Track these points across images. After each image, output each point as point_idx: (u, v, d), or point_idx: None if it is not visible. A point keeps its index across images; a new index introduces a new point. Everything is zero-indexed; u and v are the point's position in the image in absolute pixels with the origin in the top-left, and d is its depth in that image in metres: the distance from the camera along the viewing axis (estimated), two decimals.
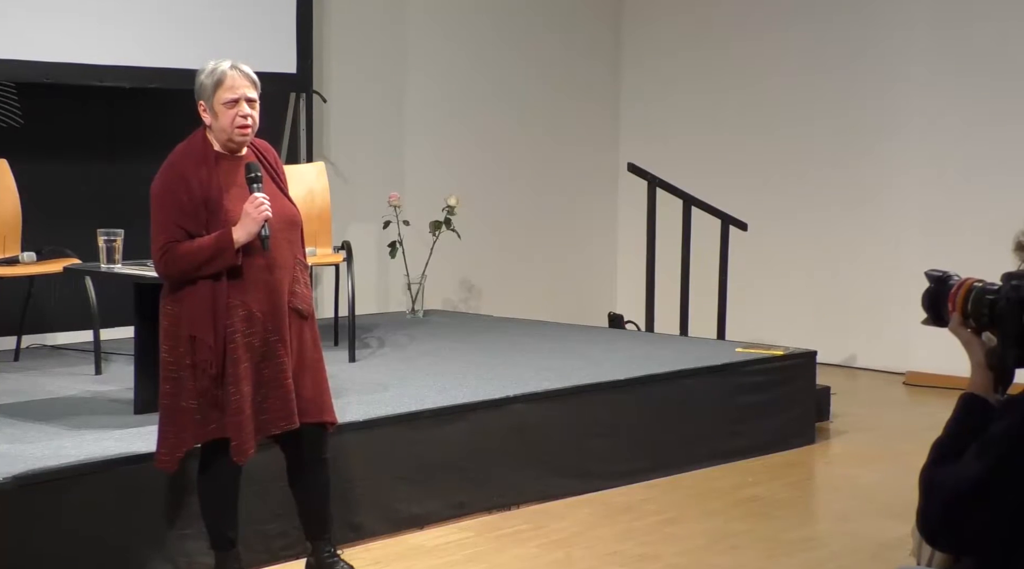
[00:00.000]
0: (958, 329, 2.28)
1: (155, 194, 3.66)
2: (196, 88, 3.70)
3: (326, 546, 3.89)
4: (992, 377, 2.25)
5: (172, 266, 3.59)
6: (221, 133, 3.67)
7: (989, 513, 2.11)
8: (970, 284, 2.28)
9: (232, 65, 3.69)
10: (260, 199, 3.61)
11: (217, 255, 3.56)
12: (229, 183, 3.65)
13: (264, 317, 3.62)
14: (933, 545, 2.27)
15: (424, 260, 7.19)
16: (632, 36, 8.77)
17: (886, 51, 7.60)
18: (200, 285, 3.58)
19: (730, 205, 7.20)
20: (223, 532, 3.75)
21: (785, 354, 5.99)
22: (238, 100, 3.64)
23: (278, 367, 3.63)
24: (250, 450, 3.61)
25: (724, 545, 4.50)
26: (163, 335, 3.65)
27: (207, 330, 3.56)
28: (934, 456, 2.23)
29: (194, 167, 3.62)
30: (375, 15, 7.51)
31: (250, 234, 3.59)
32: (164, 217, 3.61)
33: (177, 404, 3.61)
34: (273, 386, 3.63)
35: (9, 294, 5.75)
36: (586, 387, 5.19)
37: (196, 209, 3.59)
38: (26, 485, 3.65)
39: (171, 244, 3.58)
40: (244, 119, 3.65)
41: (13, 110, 6.11)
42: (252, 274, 3.61)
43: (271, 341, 3.63)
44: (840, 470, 5.71)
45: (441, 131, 7.84)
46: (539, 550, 4.40)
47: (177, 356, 3.60)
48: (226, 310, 3.57)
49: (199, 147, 3.68)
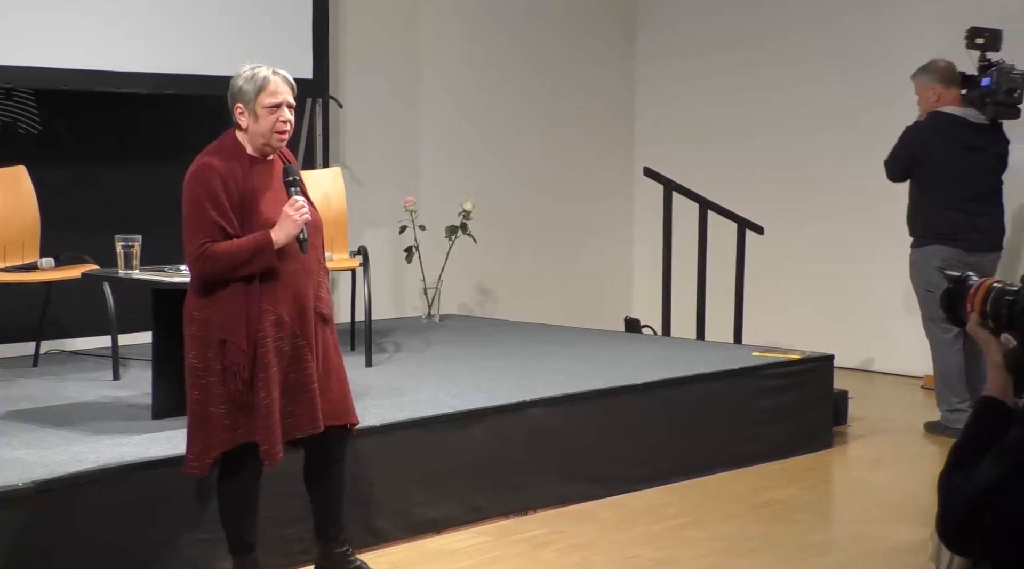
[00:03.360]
0: (976, 330, 2.27)
1: (190, 193, 3.62)
2: (233, 92, 3.71)
3: (340, 546, 3.91)
4: (1010, 379, 2.24)
5: (210, 266, 3.57)
6: (259, 137, 3.68)
7: (1007, 517, 2.10)
8: (989, 285, 2.27)
9: (273, 70, 3.72)
10: (300, 202, 3.64)
11: (256, 256, 3.56)
12: (262, 186, 3.67)
13: (292, 322, 3.64)
14: (952, 549, 2.26)
15: (440, 265, 7.20)
16: (646, 40, 8.77)
17: (900, 54, 7.57)
18: (232, 289, 3.58)
19: (746, 209, 7.19)
20: (242, 536, 3.76)
21: (802, 358, 5.98)
22: (280, 105, 3.66)
23: (305, 372, 3.66)
24: (279, 454, 3.63)
25: (742, 549, 4.49)
26: (191, 341, 3.65)
27: (240, 334, 3.56)
28: (952, 460, 2.22)
29: (229, 167, 3.63)
30: (390, 21, 7.53)
31: (289, 236, 3.61)
32: (201, 216, 3.58)
33: (206, 410, 3.61)
34: (300, 390, 3.65)
35: (28, 300, 5.78)
36: (603, 391, 5.19)
37: (233, 209, 3.61)
38: (44, 490, 3.66)
39: (208, 244, 3.57)
40: (284, 124, 3.68)
41: (31, 116, 6.14)
42: (283, 279, 3.62)
43: (299, 346, 3.65)
44: (857, 474, 5.69)
45: (456, 136, 7.85)
46: (556, 555, 4.40)
47: (206, 361, 3.60)
48: (258, 315, 3.58)
49: (232, 148, 3.69)
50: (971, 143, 6.08)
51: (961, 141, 6.06)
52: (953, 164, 6.03)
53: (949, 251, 5.98)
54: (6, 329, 5.93)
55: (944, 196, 6.03)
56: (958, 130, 6.07)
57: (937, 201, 6.04)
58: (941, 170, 6.04)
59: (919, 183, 6.14)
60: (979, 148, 6.11)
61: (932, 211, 6.06)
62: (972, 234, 6.03)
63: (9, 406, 4.76)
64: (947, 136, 6.05)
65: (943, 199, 6.03)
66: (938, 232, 6.03)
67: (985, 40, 6.23)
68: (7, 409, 4.70)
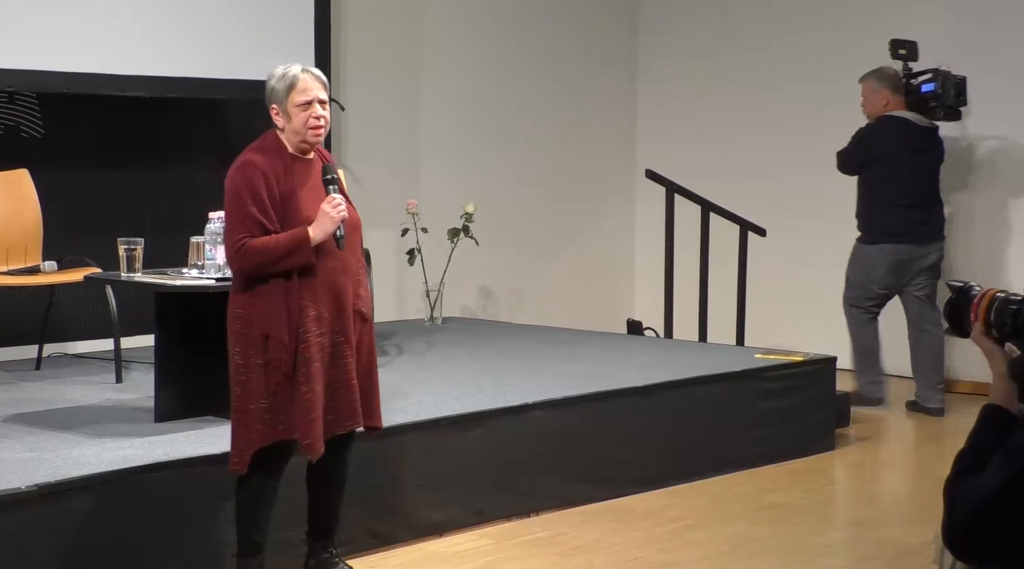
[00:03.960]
0: (981, 339, 2.27)
1: (232, 189, 3.68)
2: (267, 93, 3.78)
3: (329, 547, 3.92)
4: (1015, 387, 2.24)
5: (248, 261, 3.62)
6: (295, 135, 3.74)
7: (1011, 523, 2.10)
8: (993, 294, 2.27)
9: (303, 68, 3.77)
10: (338, 200, 3.70)
11: (293, 252, 3.61)
12: (301, 184, 3.72)
13: (332, 319, 3.68)
14: (958, 557, 2.26)
15: (442, 267, 7.20)
16: (648, 42, 8.77)
17: None
18: (273, 285, 3.63)
19: (748, 211, 7.19)
20: (253, 536, 3.77)
21: (804, 360, 5.98)
22: (311, 102, 3.71)
23: (344, 368, 3.70)
24: (321, 448, 3.66)
25: (744, 552, 4.49)
26: (234, 339, 3.70)
27: (281, 329, 3.60)
28: (957, 468, 2.22)
29: (271, 165, 3.68)
30: (393, 24, 7.53)
31: (326, 233, 3.66)
32: (242, 212, 3.64)
33: (246, 406, 3.66)
34: (340, 386, 3.70)
35: (30, 303, 5.78)
36: (605, 394, 5.19)
37: (274, 205, 3.65)
38: (47, 493, 3.66)
39: (247, 239, 3.62)
40: (317, 120, 3.72)
41: (34, 120, 6.15)
42: (321, 276, 3.67)
43: (338, 342, 3.70)
44: (860, 476, 5.69)
45: (459, 138, 7.85)
46: (559, 557, 4.40)
47: (247, 358, 3.65)
48: (299, 310, 3.62)
49: (274, 146, 3.74)
50: (918, 145, 6.53)
51: (910, 143, 6.50)
52: (903, 165, 6.46)
53: (901, 248, 6.49)
54: (9, 332, 5.94)
55: (895, 195, 6.45)
56: (908, 133, 6.50)
57: (889, 200, 6.47)
58: (893, 171, 6.46)
59: (871, 182, 6.54)
60: (925, 150, 6.56)
61: (884, 210, 6.48)
62: (920, 229, 6.52)
63: (12, 409, 4.76)
64: (899, 139, 6.48)
65: (895, 198, 6.46)
66: (890, 230, 6.48)
67: (907, 51, 6.66)
68: (10, 412, 4.71)
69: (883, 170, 6.47)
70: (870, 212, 6.58)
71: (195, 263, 4.61)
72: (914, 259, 6.52)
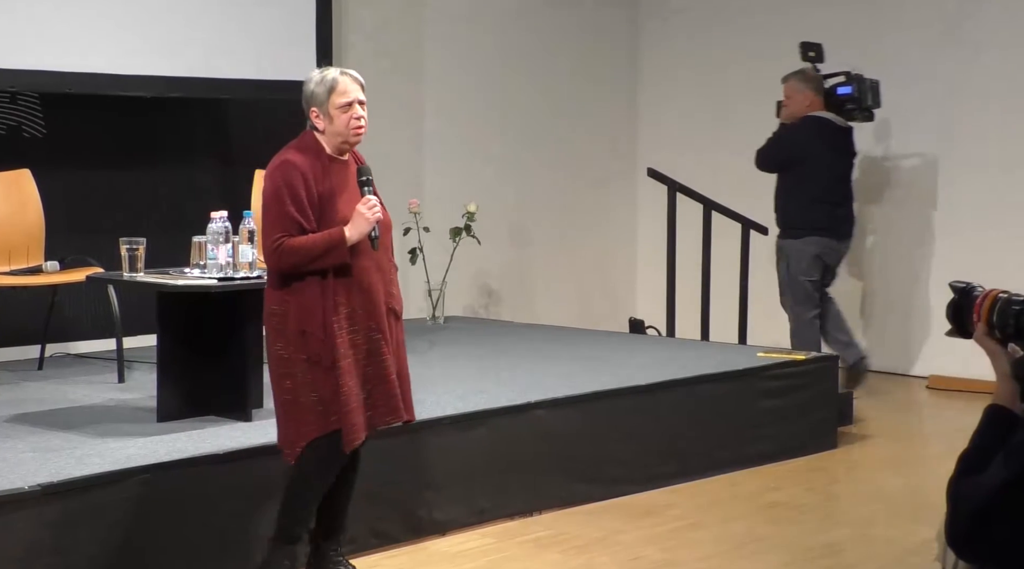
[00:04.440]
0: (983, 339, 2.27)
1: (271, 188, 3.73)
2: (306, 96, 3.83)
3: (335, 546, 3.92)
4: (1018, 388, 2.24)
5: (285, 260, 3.68)
6: (336, 136, 3.80)
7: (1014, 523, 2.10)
8: (995, 295, 2.27)
9: (341, 71, 3.85)
10: (373, 201, 3.76)
11: (329, 251, 3.67)
12: (339, 184, 3.78)
13: (365, 316, 3.73)
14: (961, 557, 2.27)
15: (444, 266, 7.20)
16: (650, 42, 8.76)
17: (902, 57, 7.58)
18: (308, 282, 3.69)
19: (750, 209, 7.19)
20: (296, 524, 3.81)
21: (807, 358, 5.98)
22: (351, 103, 3.80)
23: (383, 363, 3.76)
24: (360, 437, 3.72)
25: (747, 550, 4.49)
26: (273, 334, 3.75)
27: (316, 324, 3.67)
28: (960, 468, 2.22)
29: (310, 165, 3.74)
30: (394, 24, 7.53)
31: (361, 233, 3.72)
32: (280, 211, 3.69)
33: (296, 399, 3.71)
34: (378, 382, 3.76)
35: (33, 303, 5.79)
36: (607, 393, 5.19)
37: (312, 205, 3.70)
38: (50, 493, 3.66)
39: (284, 238, 3.67)
40: (358, 121, 3.82)
41: (36, 120, 6.15)
42: (356, 275, 3.73)
43: (374, 339, 3.75)
44: (862, 475, 5.69)
45: (460, 138, 7.85)
46: (561, 556, 4.40)
47: (291, 352, 3.70)
48: (333, 307, 3.68)
49: (312, 147, 3.80)
50: (836, 144, 6.81)
51: (830, 143, 6.76)
52: (824, 163, 6.73)
53: (824, 241, 6.72)
54: (11, 332, 5.94)
55: (818, 192, 6.71)
56: (828, 133, 6.76)
57: (812, 196, 6.70)
58: (815, 169, 6.70)
59: (794, 180, 6.74)
60: (841, 149, 6.85)
61: (808, 206, 6.71)
62: (839, 225, 6.79)
63: (14, 409, 4.77)
64: (820, 138, 6.72)
65: (817, 195, 6.70)
66: (815, 225, 6.70)
67: (815, 54, 6.94)
68: (12, 412, 4.71)
69: (806, 168, 6.68)
70: (795, 208, 6.74)
71: (197, 263, 4.61)
72: (833, 252, 6.78)
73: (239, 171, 6.41)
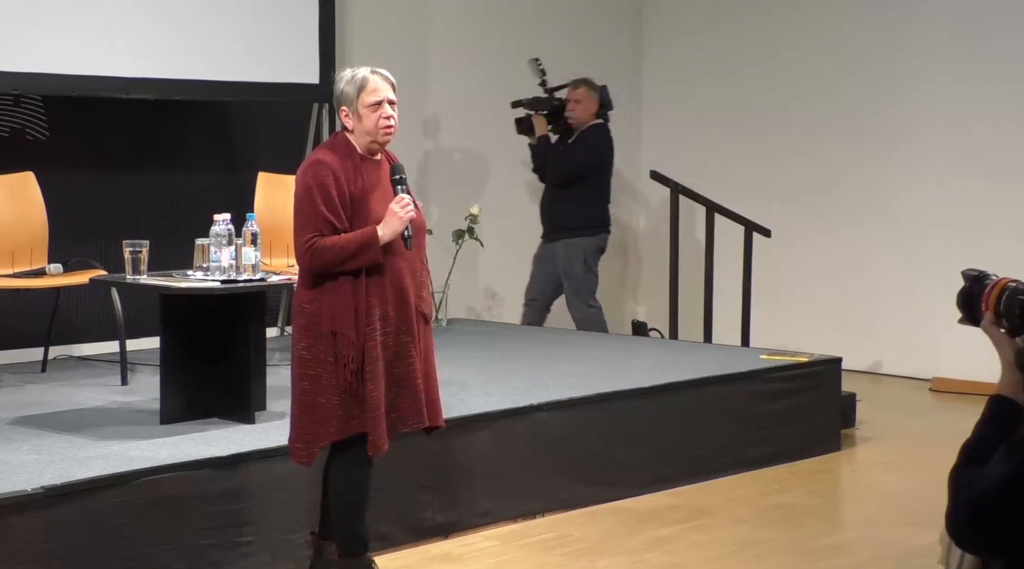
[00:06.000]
0: (990, 328, 2.25)
1: (303, 188, 3.71)
2: (336, 95, 3.80)
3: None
4: (1022, 378, 2.22)
5: (317, 259, 3.66)
6: (365, 136, 3.77)
7: (1017, 514, 2.09)
8: (1004, 284, 2.25)
9: (372, 70, 3.80)
10: (406, 200, 3.74)
11: (362, 251, 3.65)
12: (371, 184, 3.76)
13: (397, 317, 3.72)
14: (961, 547, 2.26)
15: (447, 269, 7.20)
16: (654, 42, 8.76)
17: (908, 56, 7.58)
18: (341, 283, 3.66)
19: (753, 211, 7.19)
20: (358, 532, 3.80)
21: (810, 361, 5.97)
22: (381, 102, 3.75)
23: (408, 366, 3.74)
24: (384, 446, 3.69)
25: (750, 553, 4.49)
26: (301, 333, 3.72)
27: (349, 326, 3.64)
28: (962, 458, 2.22)
29: (342, 165, 3.72)
30: (397, 25, 7.54)
31: (394, 233, 3.70)
32: (312, 211, 3.67)
33: (316, 400, 3.68)
34: (404, 385, 3.74)
35: (36, 306, 5.79)
36: (610, 395, 5.18)
37: (344, 205, 3.68)
38: (53, 495, 3.67)
39: (316, 238, 3.65)
40: (388, 120, 3.76)
41: (39, 123, 6.16)
42: (388, 275, 3.71)
43: (403, 341, 3.73)
44: (866, 477, 5.69)
45: (463, 140, 7.85)
46: (564, 559, 4.40)
47: (316, 353, 3.67)
48: (366, 308, 3.66)
49: (344, 147, 3.77)
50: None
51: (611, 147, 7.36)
52: (610, 166, 7.36)
53: (607, 236, 7.33)
54: (15, 335, 5.94)
55: (607, 193, 7.33)
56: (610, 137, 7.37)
57: (604, 197, 7.29)
58: (607, 171, 7.31)
59: (595, 183, 7.23)
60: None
61: (602, 205, 7.28)
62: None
63: (18, 412, 4.77)
64: (611, 144, 7.30)
65: (607, 195, 7.31)
66: (606, 222, 7.30)
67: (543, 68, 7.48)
68: (16, 415, 4.71)
69: (605, 171, 7.29)
70: (590, 207, 7.21)
71: (200, 265, 4.61)
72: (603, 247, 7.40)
73: (242, 174, 6.43)
